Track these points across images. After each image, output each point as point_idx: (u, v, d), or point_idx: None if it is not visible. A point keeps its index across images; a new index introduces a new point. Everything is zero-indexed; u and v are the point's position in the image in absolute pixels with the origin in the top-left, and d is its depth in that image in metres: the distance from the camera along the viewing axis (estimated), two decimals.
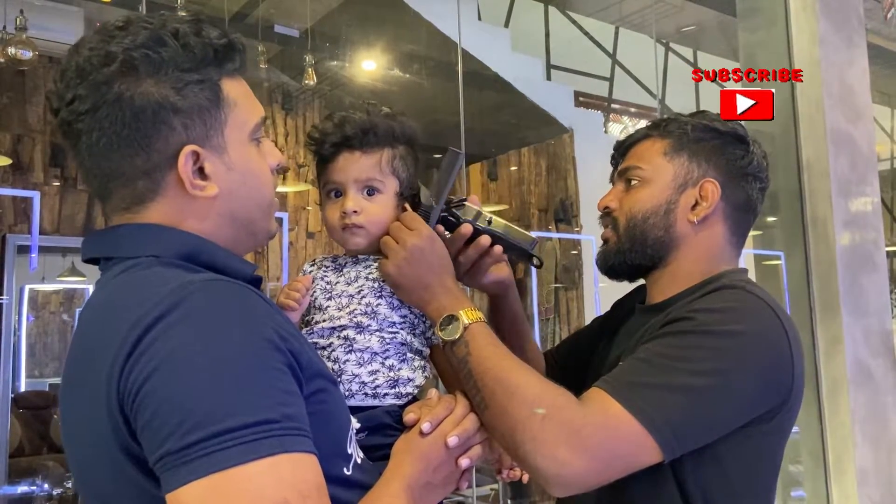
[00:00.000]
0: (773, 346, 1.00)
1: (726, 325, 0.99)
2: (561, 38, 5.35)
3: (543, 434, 0.90)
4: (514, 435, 0.91)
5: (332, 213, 1.07)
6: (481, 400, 0.94)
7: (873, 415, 2.88)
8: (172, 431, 0.61)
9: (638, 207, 1.13)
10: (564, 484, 0.91)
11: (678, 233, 1.12)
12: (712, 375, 0.95)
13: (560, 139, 5.17)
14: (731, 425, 0.98)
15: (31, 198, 4.02)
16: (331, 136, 1.06)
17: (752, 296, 1.05)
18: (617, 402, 0.92)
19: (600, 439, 0.91)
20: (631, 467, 0.93)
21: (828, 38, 2.99)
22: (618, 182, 1.19)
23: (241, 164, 0.81)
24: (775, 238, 3.28)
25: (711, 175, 1.12)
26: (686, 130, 1.14)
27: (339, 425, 0.80)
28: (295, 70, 4.92)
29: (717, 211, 1.12)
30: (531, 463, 0.91)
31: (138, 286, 0.71)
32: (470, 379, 0.95)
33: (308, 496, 0.63)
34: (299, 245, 5.19)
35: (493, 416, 0.93)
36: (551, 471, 0.90)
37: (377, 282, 1.05)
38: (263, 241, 0.88)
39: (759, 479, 1.05)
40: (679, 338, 0.99)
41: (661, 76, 5.42)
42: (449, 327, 0.98)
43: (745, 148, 1.14)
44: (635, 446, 0.91)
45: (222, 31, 0.80)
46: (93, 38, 0.77)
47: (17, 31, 3.58)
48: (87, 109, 0.75)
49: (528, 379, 0.94)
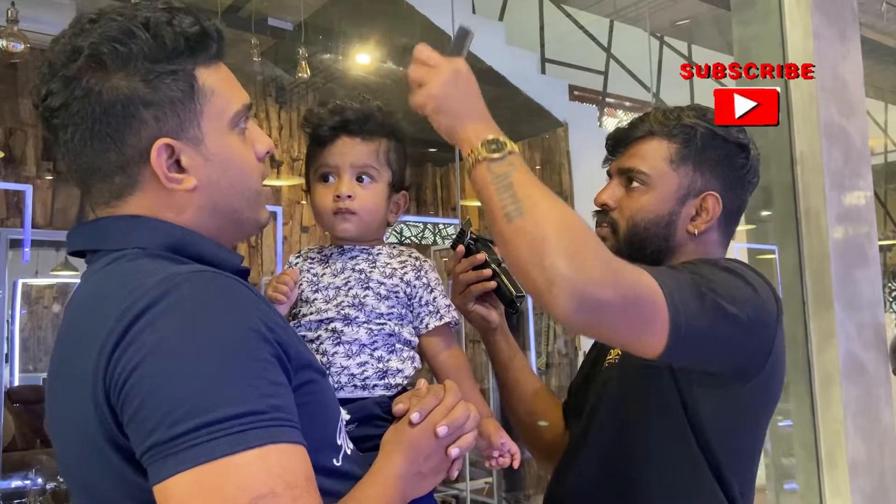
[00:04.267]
0: (769, 314, 1.03)
1: (748, 277, 1.03)
2: (555, 31, 5.35)
3: (584, 248, 0.85)
4: (549, 241, 0.84)
5: (324, 197, 1.07)
6: (517, 208, 0.87)
7: (866, 408, 2.90)
8: (160, 423, 0.61)
9: (641, 215, 1.13)
10: (582, 300, 0.83)
11: (677, 242, 1.13)
12: (729, 302, 0.96)
13: (554, 133, 5.17)
14: (717, 358, 1.00)
15: (23, 191, 4.00)
16: (330, 119, 1.06)
17: (757, 271, 1.08)
18: (651, 276, 0.91)
19: (633, 283, 0.89)
20: (636, 332, 0.91)
21: (821, 32, 2.99)
22: (616, 177, 1.17)
23: (221, 154, 0.79)
24: (769, 232, 3.29)
25: (713, 187, 1.13)
26: (693, 136, 1.13)
27: (328, 416, 0.80)
28: (289, 63, 4.90)
29: (715, 221, 1.14)
30: (560, 269, 0.83)
31: (124, 278, 0.71)
32: (508, 190, 0.89)
33: (296, 486, 0.63)
34: (293, 239, 5.17)
35: (529, 222, 0.86)
36: (577, 282, 0.82)
37: (363, 273, 1.05)
38: (252, 231, 0.87)
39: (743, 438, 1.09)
40: (708, 267, 1.02)
41: (656, 70, 5.42)
42: (493, 146, 0.92)
43: (747, 156, 1.15)
44: (654, 313, 0.89)
45: (196, 18, 0.78)
46: (66, 31, 0.76)
47: (9, 24, 3.56)
48: (60, 105, 0.75)
49: (572, 210, 0.90)
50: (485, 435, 1.02)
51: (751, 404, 1.08)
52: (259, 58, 4.47)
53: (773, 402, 1.12)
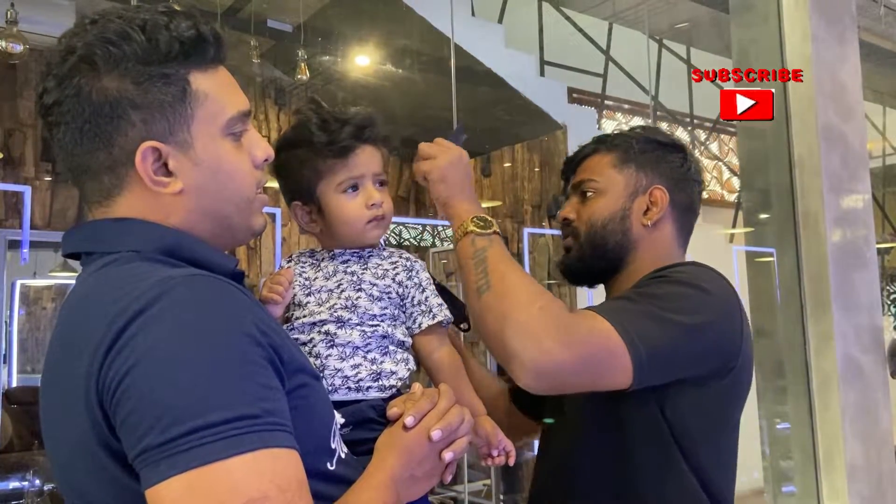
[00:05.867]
0: (731, 310, 1.12)
1: (699, 281, 1.12)
2: (555, 34, 5.34)
3: (536, 322, 0.97)
4: (509, 318, 0.97)
5: (356, 208, 1.06)
6: (486, 282, 1.02)
7: (863, 411, 2.89)
8: (152, 427, 0.61)
9: (597, 216, 1.23)
10: (539, 371, 0.96)
11: (634, 236, 1.23)
12: (687, 315, 1.05)
13: (553, 135, 5.16)
14: (690, 369, 1.07)
15: (22, 192, 4.00)
16: (347, 131, 1.05)
17: (711, 269, 1.18)
18: (604, 318, 1.01)
19: (584, 340, 0.98)
20: (601, 379, 1.01)
21: (820, 35, 2.99)
22: (573, 195, 1.29)
23: (210, 159, 0.79)
24: (767, 235, 3.29)
25: (658, 182, 1.24)
26: (631, 143, 1.26)
27: (321, 420, 0.80)
28: (288, 65, 4.90)
29: (667, 214, 1.24)
30: (515, 346, 0.96)
31: (118, 281, 0.71)
32: (482, 265, 1.04)
33: (288, 490, 0.63)
34: (293, 241, 5.17)
35: (493, 297, 1.01)
36: (532, 356, 0.95)
37: (355, 275, 1.05)
38: (245, 237, 0.87)
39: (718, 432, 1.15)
40: (658, 285, 1.11)
41: (655, 73, 5.43)
42: (481, 222, 1.07)
43: (683, 156, 1.27)
44: (612, 358, 0.98)
45: (193, 22, 0.78)
46: (67, 31, 0.77)
47: (8, 25, 3.55)
48: (53, 103, 0.75)
49: (534, 282, 1.04)
50: (482, 434, 1.02)
51: (727, 398, 1.14)
52: (258, 59, 4.47)
53: (745, 393, 1.18)
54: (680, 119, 6.14)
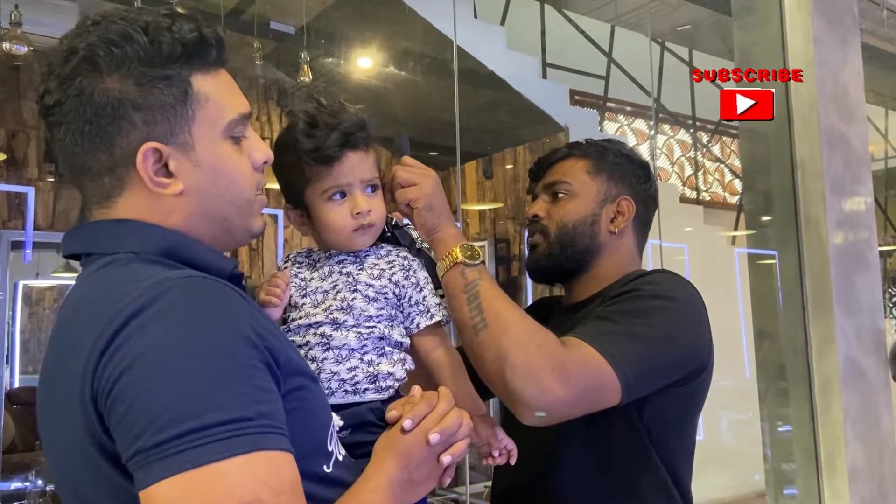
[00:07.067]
0: (699, 313, 1.19)
1: (668, 292, 1.18)
2: (557, 36, 5.34)
3: (534, 361, 1.00)
4: (507, 357, 1.01)
5: (342, 216, 1.03)
6: (482, 320, 1.04)
7: (865, 413, 2.89)
8: (146, 428, 0.61)
9: (569, 217, 1.29)
10: (540, 408, 1.00)
11: (601, 241, 1.30)
12: (663, 328, 1.11)
13: (555, 137, 5.15)
14: (672, 376, 1.13)
15: (25, 193, 4.01)
16: (333, 138, 1.00)
17: (674, 275, 1.25)
18: (591, 346, 1.05)
19: (579, 374, 1.02)
20: (595, 404, 1.06)
21: (822, 38, 2.99)
22: (542, 194, 1.34)
23: (211, 161, 0.79)
24: (769, 237, 3.28)
25: (626, 194, 1.31)
26: (604, 152, 1.33)
27: (319, 423, 0.80)
28: (291, 67, 4.90)
29: (630, 224, 1.31)
30: (516, 387, 1.00)
31: (115, 282, 0.71)
32: (475, 300, 1.05)
33: (282, 493, 0.63)
34: (294, 242, 5.17)
35: (491, 336, 1.03)
36: (532, 394, 1.00)
37: (351, 276, 1.04)
38: (244, 239, 0.87)
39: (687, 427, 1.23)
40: (631, 301, 1.15)
41: (657, 75, 5.42)
42: (469, 251, 1.08)
43: (647, 175, 1.35)
44: (603, 384, 1.03)
45: (196, 24, 0.78)
46: (69, 32, 0.77)
47: (12, 26, 3.56)
48: (54, 103, 0.76)
49: (527, 318, 1.07)
50: (482, 433, 1.02)
51: (701, 393, 1.22)
52: (261, 61, 4.47)
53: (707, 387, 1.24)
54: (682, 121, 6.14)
